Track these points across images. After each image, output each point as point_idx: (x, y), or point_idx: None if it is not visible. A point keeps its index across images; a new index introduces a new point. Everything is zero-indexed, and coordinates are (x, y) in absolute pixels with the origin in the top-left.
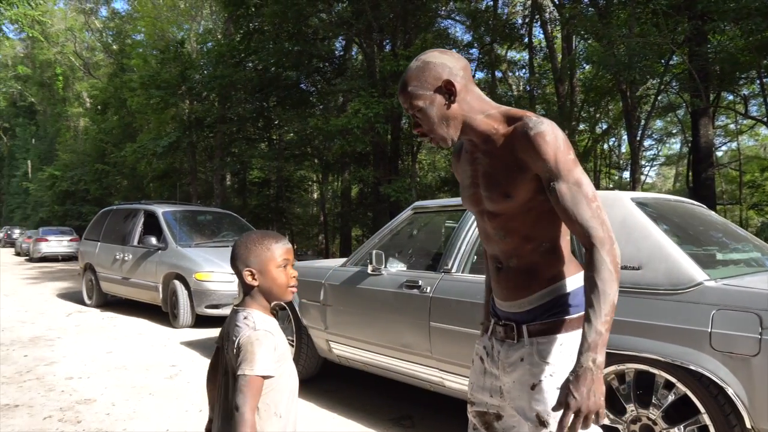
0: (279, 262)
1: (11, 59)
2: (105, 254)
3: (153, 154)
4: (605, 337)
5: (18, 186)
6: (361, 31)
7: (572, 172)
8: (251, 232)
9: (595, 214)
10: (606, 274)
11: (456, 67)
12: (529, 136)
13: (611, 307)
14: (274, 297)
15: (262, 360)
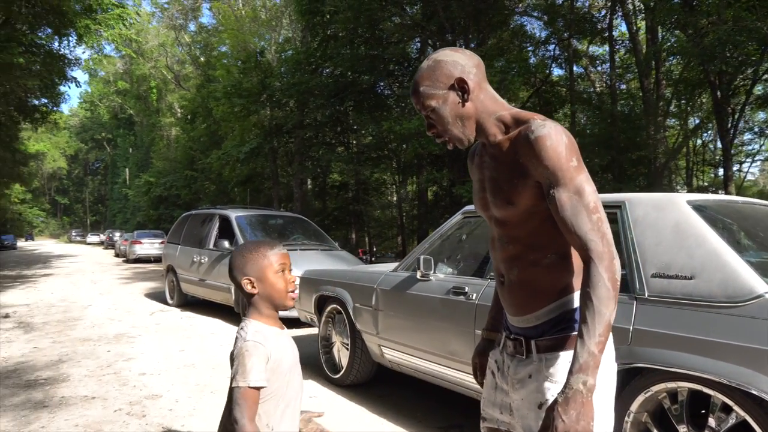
0: (276, 268)
1: (113, 75)
2: (184, 257)
3: (236, 160)
4: (598, 359)
5: (119, 192)
6: (434, 33)
7: (574, 180)
8: (246, 242)
9: (595, 226)
10: (602, 291)
11: (468, 64)
12: (530, 140)
13: (606, 326)
14: (275, 303)
15: (254, 371)
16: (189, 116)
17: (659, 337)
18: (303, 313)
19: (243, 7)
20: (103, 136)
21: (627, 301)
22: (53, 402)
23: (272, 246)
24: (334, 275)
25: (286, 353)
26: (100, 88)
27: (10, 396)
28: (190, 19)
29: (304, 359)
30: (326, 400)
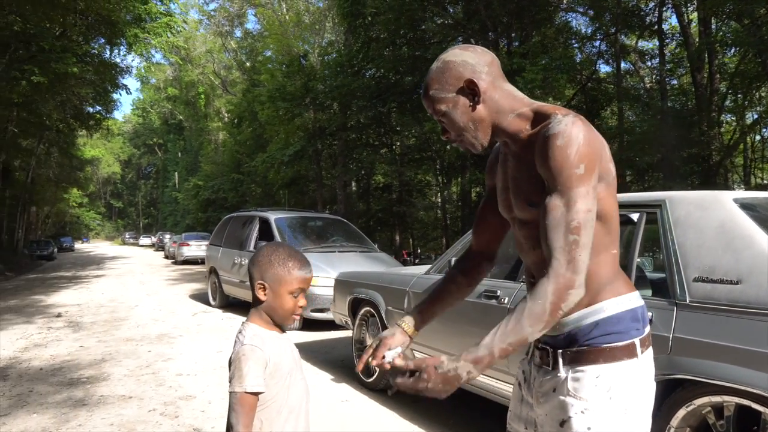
0: (293, 289)
1: (163, 82)
2: (226, 258)
3: (281, 163)
4: (494, 361)
5: (169, 195)
6: (476, 32)
7: (570, 190)
8: (279, 246)
9: (568, 246)
10: (537, 309)
11: (479, 63)
12: (544, 138)
13: (520, 341)
14: (275, 318)
15: (250, 375)
16: (236, 120)
17: (702, 347)
18: (338, 316)
19: (287, 12)
20: (154, 142)
21: (667, 307)
22: (92, 401)
23: (301, 266)
24: (368, 278)
25: (285, 357)
26: (151, 94)
27: (54, 393)
28: (236, 25)
29: (339, 362)
30: (358, 404)
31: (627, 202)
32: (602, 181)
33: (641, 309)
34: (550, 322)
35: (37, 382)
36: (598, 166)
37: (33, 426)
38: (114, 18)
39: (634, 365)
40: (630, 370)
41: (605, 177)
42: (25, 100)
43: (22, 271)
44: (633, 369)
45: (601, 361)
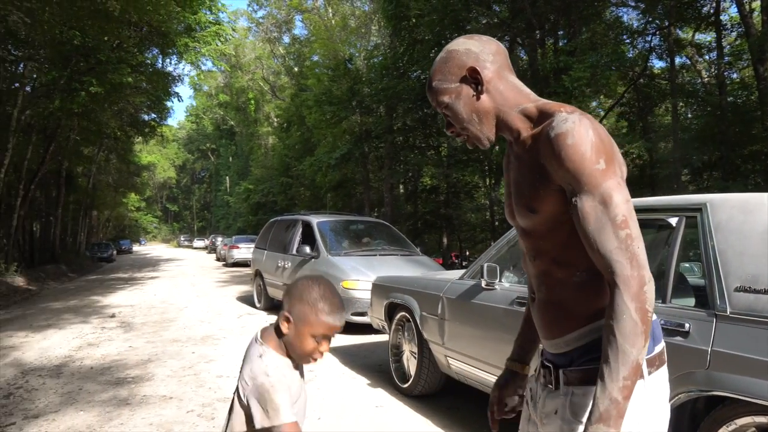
0: (317, 333)
1: (214, 89)
2: (270, 261)
3: (327, 166)
4: (622, 407)
5: (222, 199)
6: (522, 30)
7: (599, 186)
8: (317, 282)
9: (622, 244)
10: (627, 326)
11: (484, 51)
12: (550, 138)
13: (632, 368)
14: (292, 354)
15: (283, 406)
16: (284, 125)
17: (744, 362)
18: (375, 320)
19: (333, 16)
20: (207, 147)
21: (705, 318)
22: (135, 400)
23: (332, 311)
24: (403, 282)
25: (297, 383)
26: (203, 101)
27: (101, 392)
28: (283, 31)
29: (377, 367)
30: (392, 410)
31: (665, 205)
32: None
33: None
34: (648, 330)
35: (87, 380)
36: (616, 160)
37: (79, 423)
38: (164, 29)
39: (639, 388)
40: (635, 393)
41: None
42: (85, 110)
43: (84, 272)
44: (638, 391)
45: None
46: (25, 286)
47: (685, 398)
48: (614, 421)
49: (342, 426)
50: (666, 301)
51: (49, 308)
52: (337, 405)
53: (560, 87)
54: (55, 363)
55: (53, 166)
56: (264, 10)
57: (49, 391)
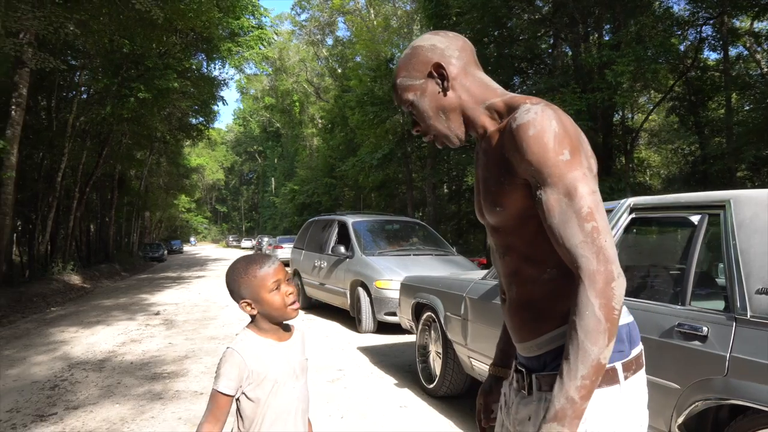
0: (270, 287)
1: (260, 92)
2: (307, 261)
3: (370, 167)
4: (580, 408)
5: (268, 200)
6: (565, 26)
7: (563, 178)
8: (236, 262)
9: (588, 237)
10: (590, 323)
11: (449, 47)
12: (512, 130)
13: (594, 368)
14: (276, 320)
15: (224, 376)
16: (328, 126)
17: (765, 370)
18: (404, 320)
19: (375, 17)
20: (254, 149)
21: (725, 322)
22: (168, 395)
23: (261, 264)
24: (429, 282)
25: (274, 364)
26: (250, 104)
27: (137, 386)
28: (327, 33)
29: (406, 367)
30: (416, 410)
31: (686, 202)
32: None
33: (627, 328)
34: (613, 329)
35: (126, 374)
36: (582, 151)
37: (113, 415)
38: (207, 35)
39: (615, 393)
40: (609, 399)
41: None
42: (134, 115)
43: (136, 271)
44: (613, 397)
45: None
46: (80, 284)
47: (702, 406)
48: (569, 421)
49: (364, 425)
50: (685, 304)
51: (100, 305)
52: (362, 404)
53: (603, 82)
54: (99, 357)
55: (107, 170)
56: (307, 13)
57: (91, 384)
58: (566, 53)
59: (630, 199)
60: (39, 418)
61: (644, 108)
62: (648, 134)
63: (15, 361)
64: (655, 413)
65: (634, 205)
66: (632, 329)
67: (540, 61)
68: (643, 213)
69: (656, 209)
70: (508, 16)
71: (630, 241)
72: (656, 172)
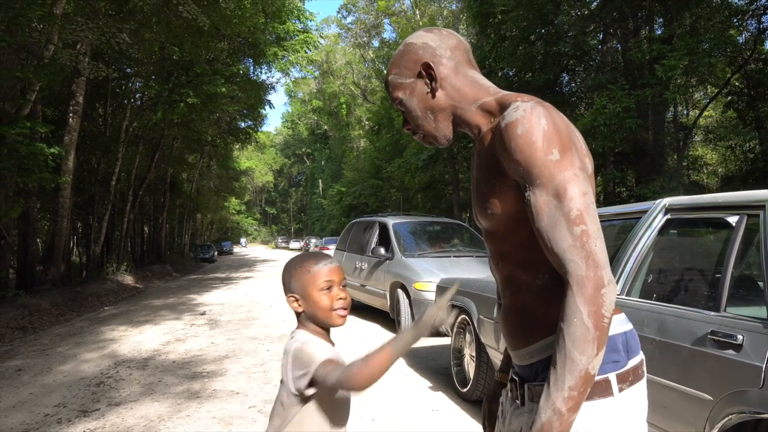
0: (321, 285)
1: (308, 95)
2: (349, 263)
3: (415, 168)
4: (567, 420)
5: (317, 201)
6: (614, 20)
7: (553, 179)
8: (294, 257)
9: (577, 241)
10: (578, 331)
11: (441, 46)
12: (501, 129)
13: (581, 378)
14: (319, 322)
15: (318, 352)
16: (375, 127)
17: None
18: None
19: (420, 18)
20: (303, 151)
21: (761, 330)
22: (205, 394)
23: (318, 260)
24: (463, 284)
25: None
26: (298, 107)
27: (176, 384)
28: (373, 35)
29: (442, 370)
30: (448, 414)
31: (724, 203)
32: None
33: (624, 336)
34: (603, 337)
35: (168, 373)
36: (575, 150)
37: (152, 412)
38: (252, 40)
39: (609, 405)
40: (602, 412)
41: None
42: (185, 120)
43: (186, 272)
44: (606, 410)
45: None
46: (133, 284)
47: (737, 420)
48: None
49: (394, 428)
50: (720, 310)
51: (150, 305)
52: (394, 407)
53: (653, 78)
54: (144, 356)
55: (159, 173)
56: (353, 15)
57: (133, 382)
58: (616, 49)
59: (665, 200)
60: (83, 413)
61: (700, 104)
62: (704, 131)
63: (67, 358)
64: (687, 424)
65: (669, 206)
66: (630, 338)
67: (588, 57)
68: (678, 214)
69: (692, 210)
70: (554, 13)
71: (664, 243)
72: (713, 170)
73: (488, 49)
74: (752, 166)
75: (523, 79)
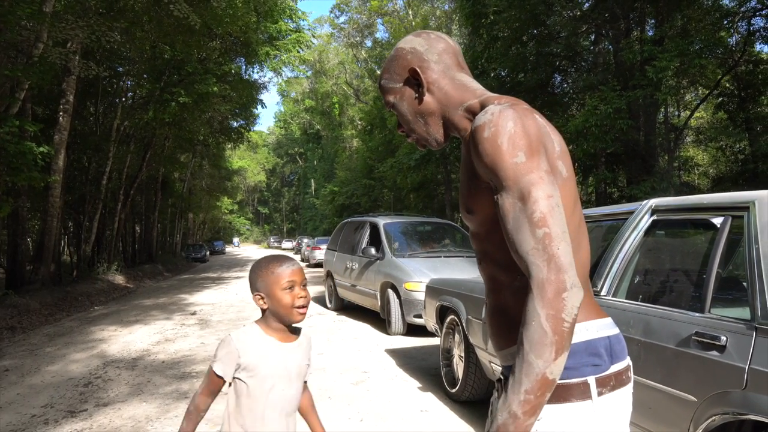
0: (283, 285)
1: (300, 95)
2: (340, 263)
3: (408, 168)
4: (523, 424)
5: (309, 201)
6: (605, 21)
7: (518, 181)
8: (261, 259)
9: (539, 244)
10: (535, 335)
11: (429, 51)
12: (471, 132)
13: (538, 382)
14: (282, 319)
15: (219, 360)
16: (368, 127)
17: None
18: (429, 323)
19: (413, 18)
20: (295, 151)
21: (744, 331)
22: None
23: (281, 263)
24: (453, 285)
25: (268, 363)
26: (291, 107)
27: (165, 385)
28: (365, 35)
29: (432, 370)
30: (437, 414)
31: (710, 204)
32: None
33: (606, 341)
34: (562, 342)
35: (156, 373)
36: (543, 153)
37: (140, 413)
38: (244, 39)
39: (586, 409)
40: (579, 414)
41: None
42: (176, 119)
43: (178, 271)
44: (584, 413)
45: (552, 399)
46: (123, 284)
47: (720, 420)
48: None
49: (382, 429)
50: (704, 311)
51: (141, 305)
52: (383, 407)
53: (644, 79)
54: (134, 356)
55: (151, 173)
56: (346, 15)
57: (122, 382)
58: (608, 50)
59: (652, 201)
60: (70, 414)
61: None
62: (694, 132)
63: (55, 358)
64: (672, 425)
65: (655, 207)
66: (615, 343)
67: (580, 58)
68: (664, 215)
69: (678, 211)
70: (546, 14)
71: (650, 245)
72: (704, 171)
73: (480, 49)
74: (742, 167)
75: (515, 79)
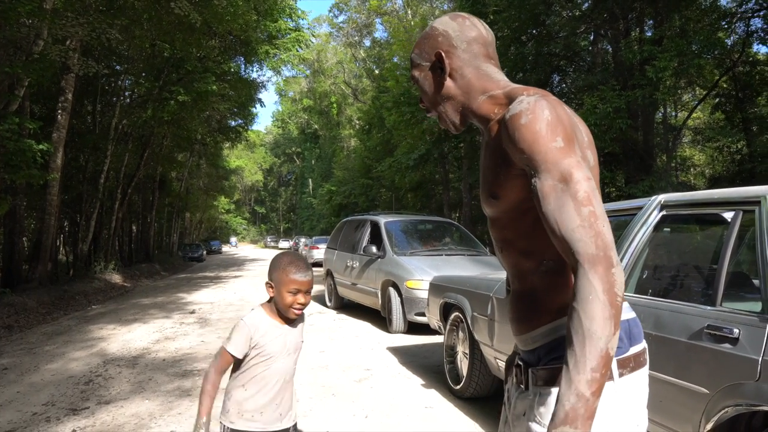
0: (291, 288)
1: (298, 94)
2: (340, 261)
3: (406, 167)
4: (592, 405)
5: (306, 201)
6: (605, 21)
7: (558, 164)
8: (286, 255)
9: (586, 221)
10: (595, 308)
11: (459, 37)
12: (506, 121)
13: (602, 358)
14: (280, 310)
15: (233, 341)
16: (366, 127)
17: None
18: (432, 320)
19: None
20: (293, 150)
21: (757, 324)
22: (196, 392)
23: (298, 270)
24: (457, 282)
25: (275, 342)
26: (289, 106)
27: (167, 383)
28: (364, 35)
29: (435, 368)
30: (442, 411)
31: (720, 199)
32: None
33: (626, 324)
34: (618, 316)
35: (158, 371)
36: (576, 141)
37: (143, 410)
38: (244, 38)
39: (609, 389)
40: (603, 395)
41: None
42: (174, 118)
43: (175, 271)
44: (606, 394)
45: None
46: (121, 283)
47: (733, 412)
48: (582, 422)
49: (388, 426)
50: (716, 305)
51: (139, 304)
52: (387, 404)
53: (644, 79)
54: (134, 354)
55: (148, 171)
56: (345, 14)
57: (123, 380)
58: (606, 50)
59: (661, 196)
60: (72, 411)
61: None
62: (692, 132)
63: (54, 357)
64: (683, 418)
65: (665, 202)
66: (633, 326)
67: (579, 58)
68: (674, 210)
69: (688, 206)
70: (546, 14)
71: (660, 239)
72: (701, 170)
73: None
74: (739, 167)
75: (515, 79)
